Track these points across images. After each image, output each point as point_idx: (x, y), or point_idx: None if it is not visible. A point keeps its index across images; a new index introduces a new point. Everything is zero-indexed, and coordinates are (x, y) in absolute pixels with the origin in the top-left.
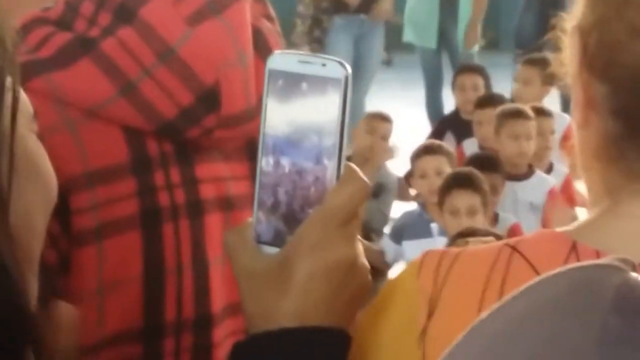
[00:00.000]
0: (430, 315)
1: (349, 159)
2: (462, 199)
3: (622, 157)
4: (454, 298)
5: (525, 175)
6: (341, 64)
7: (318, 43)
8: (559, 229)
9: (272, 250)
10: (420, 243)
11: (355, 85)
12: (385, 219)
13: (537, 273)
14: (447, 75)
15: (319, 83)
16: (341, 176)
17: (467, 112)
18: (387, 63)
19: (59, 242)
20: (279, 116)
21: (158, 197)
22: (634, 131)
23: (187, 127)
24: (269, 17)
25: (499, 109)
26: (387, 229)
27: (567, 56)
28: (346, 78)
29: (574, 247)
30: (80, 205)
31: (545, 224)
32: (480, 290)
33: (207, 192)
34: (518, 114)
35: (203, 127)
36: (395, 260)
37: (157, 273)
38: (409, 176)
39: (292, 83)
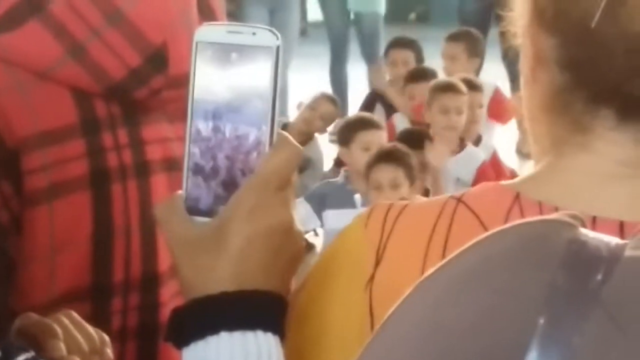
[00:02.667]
0: (377, 263)
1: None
2: (385, 173)
3: (568, 108)
4: (401, 247)
5: (454, 150)
6: (272, 32)
7: (232, 17)
8: (503, 182)
9: (204, 220)
10: (342, 213)
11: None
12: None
13: (482, 223)
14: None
15: (250, 51)
16: (274, 142)
17: (398, 86)
18: (303, 33)
19: (11, 202)
20: (213, 83)
21: (107, 158)
22: (581, 82)
23: (135, 88)
24: None
25: (432, 82)
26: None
27: (516, 13)
28: (277, 46)
29: (517, 198)
30: (31, 166)
31: None
32: (426, 239)
33: (154, 153)
34: (449, 88)
35: (151, 87)
36: (310, 227)
37: (106, 233)
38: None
39: (223, 52)
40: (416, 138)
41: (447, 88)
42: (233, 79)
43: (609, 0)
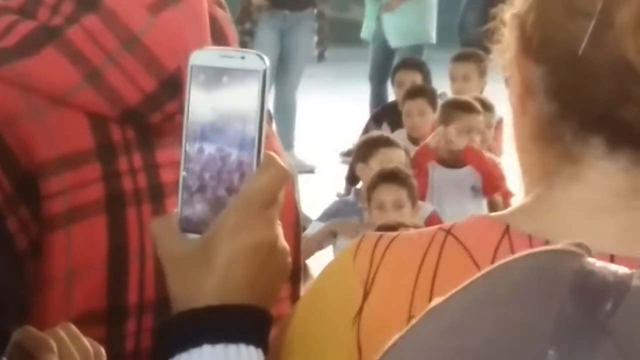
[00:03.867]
0: (365, 296)
1: None
2: (388, 193)
3: (558, 138)
4: (389, 280)
5: (462, 162)
6: (259, 56)
7: (249, 35)
8: (492, 214)
9: (196, 237)
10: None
11: (284, 79)
12: None
13: (470, 255)
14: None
15: (239, 75)
16: (261, 163)
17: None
18: (320, 57)
19: (29, 227)
20: (203, 105)
21: (122, 182)
22: (570, 110)
23: (150, 112)
24: (220, 5)
25: (446, 100)
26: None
27: (504, 45)
28: (264, 70)
29: (506, 231)
30: (49, 191)
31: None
32: (415, 272)
33: (167, 176)
34: (466, 107)
35: (165, 112)
36: (324, 246)
37: (121, 256)
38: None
39: (214, 76)
40: (462, 108)
41: (465, 107)
42: (222, 101)
43: (596, 26)
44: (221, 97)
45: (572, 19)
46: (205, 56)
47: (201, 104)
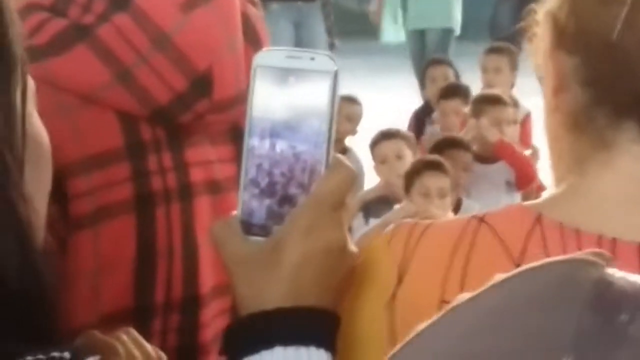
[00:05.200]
0: (399, 281)
1: None
2: (434, 180)
3: (591, 125)
4: (423, 265)
5: (495, 157)
6: (330, 57)
7: None
8: (525, 203)
9: (259, 239)
10: None
11: None
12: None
13: (503, 242)
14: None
15: (309, 75)
16: (329, 164)
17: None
18: (331, 46)
19: (56, 226)
20: (273, 103)
21: (151, 182)
22: (604, 97)
23: (180, 112)
24: (253, 2)
25: (478, 94)
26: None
27: (539, 43)
28: (335, 71)
29: (538, 219)
30: (77, 191)
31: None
32: (448, 257)
33: (197, 175)
34: (496, 101)
35: (195, 112)
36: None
37: (149, 256)
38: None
39: (281, 76)
40: (453, 142)
41: (495, 101)
42: (291, 99)
43: (629, 11)
44: (291, 95)
45: (605, 7)
46: (270, 56)
47: (270, 101)
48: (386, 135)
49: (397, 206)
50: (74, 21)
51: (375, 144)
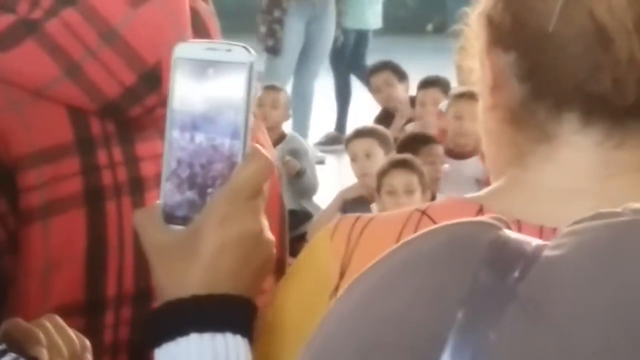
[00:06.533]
0: (342, 275)
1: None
2: (399, 178)
3: (532, 118)
4: (365, 258)
5: (470, 153)
6: (246, 49)
7: (278, 23)
8: (468, 195)
9: (180, 228)
10: None
11: (305, 66)
12: (312, 180)
13: None
14: None
15: (226, 67)
16: (246, 154)
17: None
18: (337, 40)
19: (7, 220)
20: (192, 96)
21: (101, 176)
22: (543, 90)
23: (130, 106)
24: None
25: (456, 90)
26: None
27: (472, 37)
28: (251, 62)
29: (480, 212)
30: (27, 184)
31: None
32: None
33: (147, 169)
34: (465, 95)
35: (145, 106)
36: None
37: (100, 249)
38: None
39: (200, 68)
40: (422, 137)
41: (463, 95)
42: (209, 91)
43: (565, 2)
44: (209, 88)
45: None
46: (189, 49)
47: (190, 94)
48: (358, 134)
49: (372, 205)
50: (23, 17)
51: (347, 141)
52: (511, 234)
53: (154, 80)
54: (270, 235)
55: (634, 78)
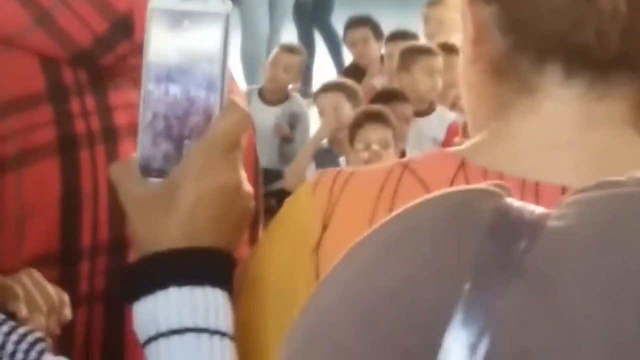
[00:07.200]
0: (324, 229)
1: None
2: (375, 132)
3: (514, 71)
4: (347, 212)
5: (427, 111)
6: (222, 0)
7: None
8: (449, 148)
9: (157, 180)
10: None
11: (271, 20)
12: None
13: (427, 188)
14: None
15: (202, 18)
16: (224, 106)
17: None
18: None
19: None
20: (167, 47)
21: (74, 125)
22: (526, 42)
23: (102, 54)
24: None
25: (407, 45)
26: None
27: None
28: (227, 13)
29: (462, 164)
30: None
31: None
32: (372, 204)
33: (121, 118)
34: (428, 51)
35: (117, 54)
36: None
37: (74, 199)
38: None
39: (175, 19)
40: (394, 94)
41: (427, 51)
42: (185, 43)
43: None
44: (184, 39)
45: None
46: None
47: (165, 45)
48: (326, 88)
49: (341, 158)
50: None
51: (315, 96)
52: (513, 201)
53: (126, 27)
54: (249, 187)
55: (616, 30)
